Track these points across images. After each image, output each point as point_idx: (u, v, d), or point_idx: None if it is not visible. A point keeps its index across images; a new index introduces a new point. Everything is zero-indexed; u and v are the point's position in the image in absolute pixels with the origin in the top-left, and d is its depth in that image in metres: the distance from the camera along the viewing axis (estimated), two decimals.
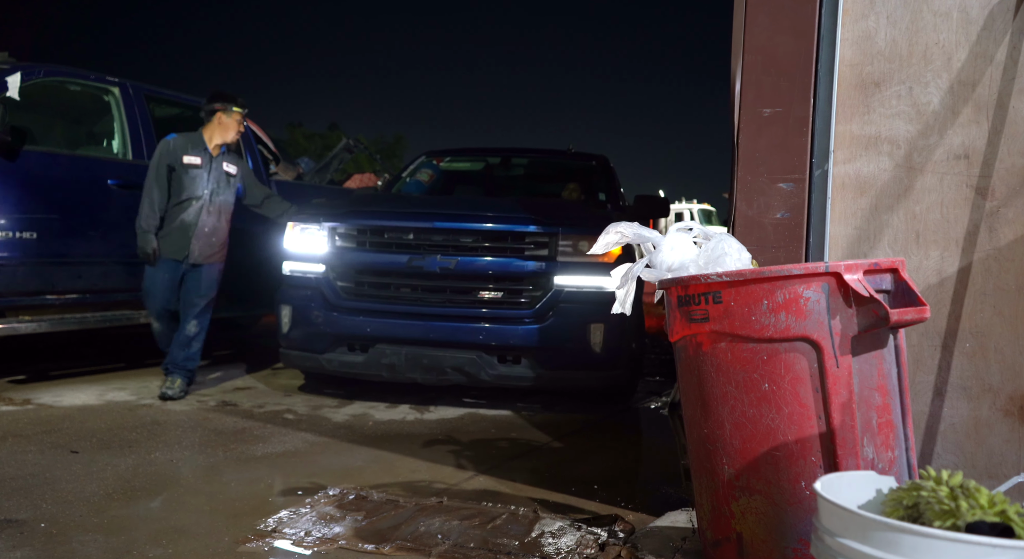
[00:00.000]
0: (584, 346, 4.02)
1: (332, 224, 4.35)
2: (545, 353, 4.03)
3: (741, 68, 2.63)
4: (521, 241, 4.14)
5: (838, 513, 1.39)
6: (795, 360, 1.83)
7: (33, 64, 4.62)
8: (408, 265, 4.15)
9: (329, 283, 4.27)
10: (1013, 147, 2.44)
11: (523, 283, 4.10)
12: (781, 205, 2.55)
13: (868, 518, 1.34)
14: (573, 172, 6.09)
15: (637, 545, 2.24)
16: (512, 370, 4.08)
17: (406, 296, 4.20)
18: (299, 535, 2.28)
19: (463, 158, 6.31)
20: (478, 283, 4.13)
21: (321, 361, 4.29)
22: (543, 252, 4.11)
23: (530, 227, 4.13)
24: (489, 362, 4.06)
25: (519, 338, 4.03)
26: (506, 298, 4.11)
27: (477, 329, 4.05)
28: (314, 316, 4.25)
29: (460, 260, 4.11)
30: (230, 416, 3.82)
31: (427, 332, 4.08)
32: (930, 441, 2.53)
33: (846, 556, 1.36)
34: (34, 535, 2.26)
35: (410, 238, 4.21)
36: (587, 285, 4.06)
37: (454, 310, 4.12)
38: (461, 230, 4.20)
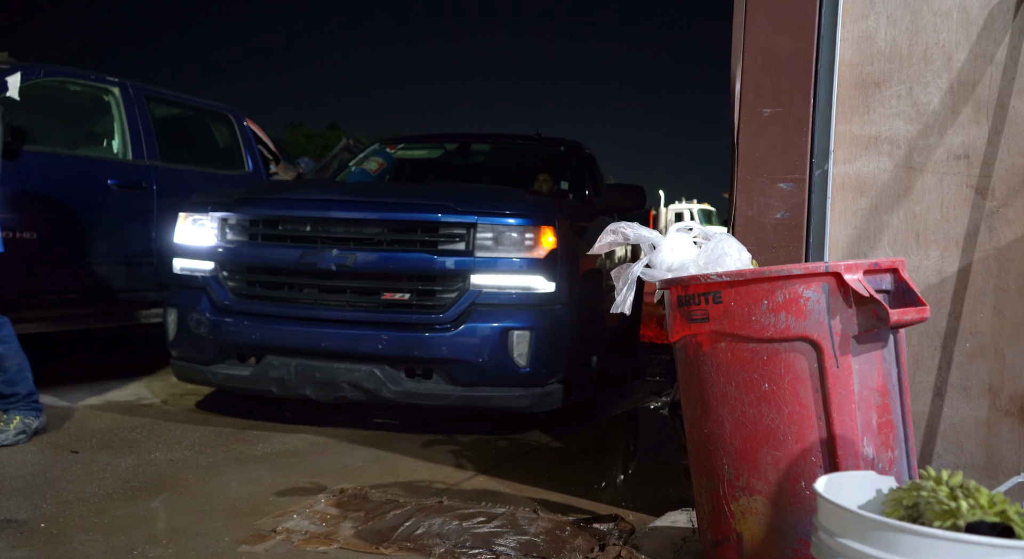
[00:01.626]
0: (504, 358, 3.41)
1: (222, 214, 3.75)
2: (458, 366, 3.43)
3: (741, 68, 2.63)
4: (433, 232, 3.52)
5: (838, 513, 1.39)
6: (795, 360, 1.83)
7: (33, 64, 4.62)
8: (300, 262, 3.57)
9: (218, 283, 3.72)
10: (1013, 147, 2.44)
11: (434, 283, 3.49)
12: (781, 205, 2.55)
13: (868, 518, 1.35)
14: (541, 159, 5.46)
15: (637, 545, 2.24)
16: (420, 386, 3.48)
17: (299, 298, 3.64)
18: (299, 535, 2.28)
19: (419, 145, 5.67)
20: (381, 283, 3.53)
21: (207, 374, 3.74)
22: (458, 246, 3.49)
23: (441, 216, 3.49)
24: (393, 377, 3.47)
25: (428, 348, 3.43)
26: (414, 300, 3.50)
27: (377, 337, 3.45)
28: (199, 321, 3.70)
29: (359, 255, 3.50)
30: (230, 416, 3.82)
31: (319, 341, 3.50)
32: (930, 441, 2.53)
33: (846, 556, 1.36)
34: (34, 535, 2.26)
35: (307, 230, 3.64)
36: (511, 285, 3.45)
37: (352, 314, 3.53)
38: (361, 220, 3.58)
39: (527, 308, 3.47)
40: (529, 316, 3.46)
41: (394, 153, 5.45)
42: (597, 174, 5.53)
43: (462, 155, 5.62)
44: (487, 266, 3.46)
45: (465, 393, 3.46)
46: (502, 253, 3.47)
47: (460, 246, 3.49)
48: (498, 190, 4.35)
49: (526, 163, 5.57)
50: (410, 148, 5.58)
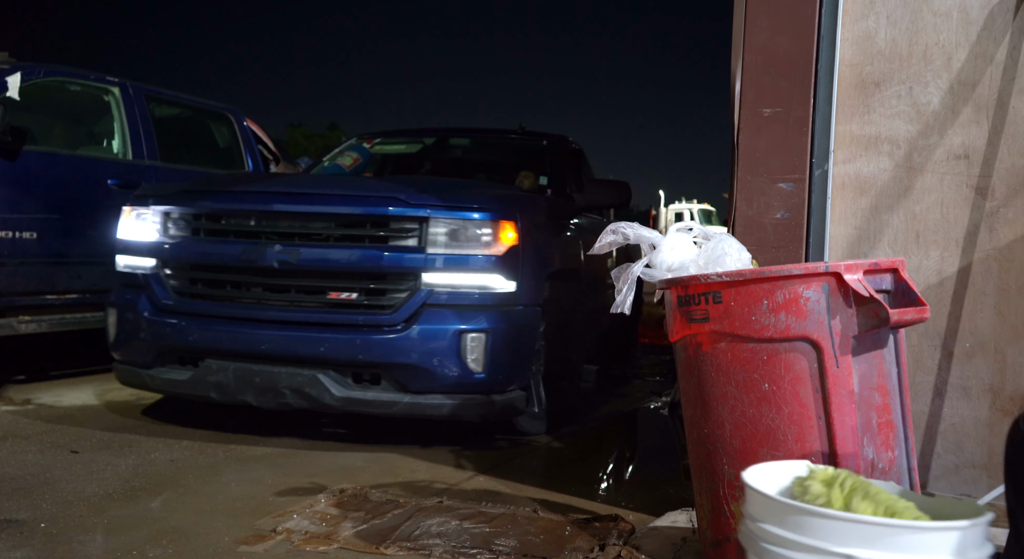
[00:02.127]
0: (456, 363, 3.17)
1: (164, 208, 3.53)
2: (407, 372, 3.18)
3: (741, 68, 2.63)
4: (382, 227, 3.28)
5: (757, 498, 1.50)
6: (795, 360, 1.83)
7: (33, 64, 4.62)
8: (241, 258, 3.34)
9: (159, 281, 3.49)
10: (1013, 147, 2.44)
11: (383, 281, 3.26)
12: (781, 205, 2.55)
13: (781, 501, 1.44)
14: (524, 154, 5.18)
15: (637, 545, 2.24)
16: (366, 393, 3.23)
17: (241, 297, 3.41)
18: (299, 535, 2.28)
19: (398, 140, 5.40)
20: (326, 281, 3.30)
21: (145, 378, 3.53)
22: (410, 242, 3.24)
23: (391, 209, 3.26)
24: (338, 382, 3.22)
25: (374, 351, 3.18)
26: (362, 300, 3.27)
27: (320, 339, 3.21)
28: (138, 322, 3.49)
29: (303, 252, 3.26)
30: (230, 416, 3.82)
31: (258, 343, 3.26)
32: (930, 441, 2.53)
33: (762, 538, 1.46)
34: (34, 535, 2.26)
35: (251, 225, 3.42)
36: (466, 284, 3.22)
37: (295, 315, 3.29)
38: (307, 214, 3.35)
39: (484, 309, 3.24)
40: (486, 318, 3.23)
41: (371, 148, 5.22)
42: (584, 170, 5.29)
43: (442, 150, 5.38)
44: (440, 264, 3.22)
45: (414, 401, 3.20)
46: (457, 250, 3.22)
47: (411, 242, 3.24)
48: (456, 183, 4.14)
49: (508, 158, 5.34)
50: (388, 143, 5.34)
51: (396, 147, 5.39)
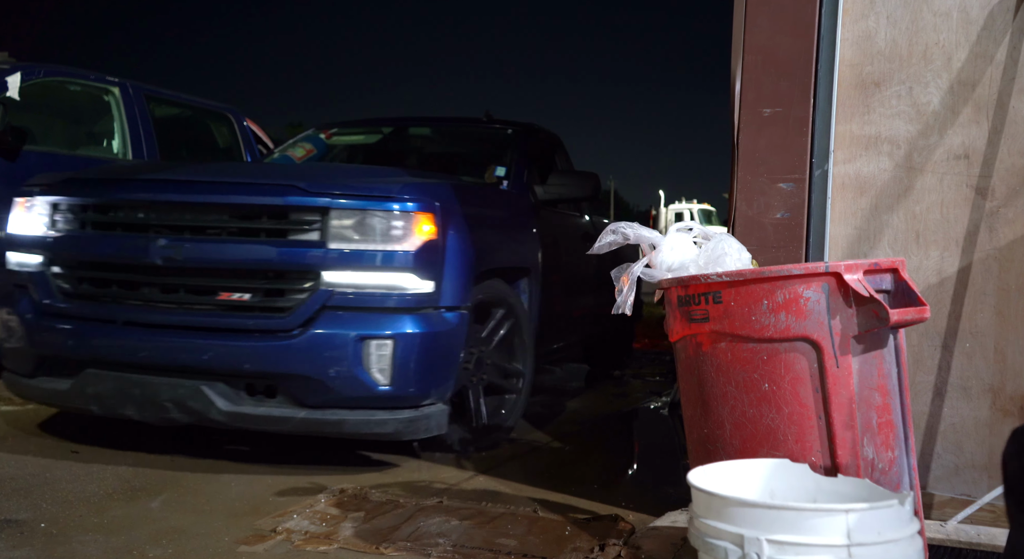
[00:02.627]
0: (358, 373, 2.80)
1: (52, 198, 3.18)
2: (301, 383, 2.82)
3: (741, 68, 2.63)
4: (281, 219, 2.91)
5: (700, 496, 1.57)
6: (795, 360, 1.83)
7: (33, 64, 4.62)
8: (125, 255, 3.00)
9: (43, 280, 3.12)
10: (1013, 147, 2.44)
11: (280, 280, 2.89)
12: (781, 205, 2.55)
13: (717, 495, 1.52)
14: (487, 144, 4.80)
15: (637, 545, 2.24)
16: (259, 407, 2.86)
17: (127, 298, 3.03)
18: (299, 535, 2.28)
19: (356, 130, 5.05)
20: (216, 280, 2.93)
21: (26, 388, 3.20)
22: (310, 236, 2.87)
23: (288, 199, 2.89)
24: (225, 395, 2.85)
25: (264, 360, 2.82)
26: (256, 302, 2.89)
27: (204, 346, 2.85)
28: (19, 326, 3.13)
29: (189, 247, 2.90)
30: None
31: (136, 350, 2.91)
32: (930, 441, 2.53)
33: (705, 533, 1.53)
34: (34, 535, 2.26)
35: (139, 217, 3.05)
36: (373, 284, 2.84)
37: (181, 318, 2.93)
38: (197, 205, 2.99)
39: (394, 312, 2.85)
40: (395, 322, 2.84)
41: (328, 140, 4.85)
42: (558, 161, 4.93)
43: (402, 140, 5.04)
44: (343, 260, 2.83)
45: (310, 416, 2.83)
46: (362, 245, 2.84)
47: (312, 236, 2.87)
48: (370, 170, 3.79)
49: (472, 148, 5.00)
50: (346, 133, 4.97)
51: (354, 138, 5.01)
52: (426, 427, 2.97)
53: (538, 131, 4.76)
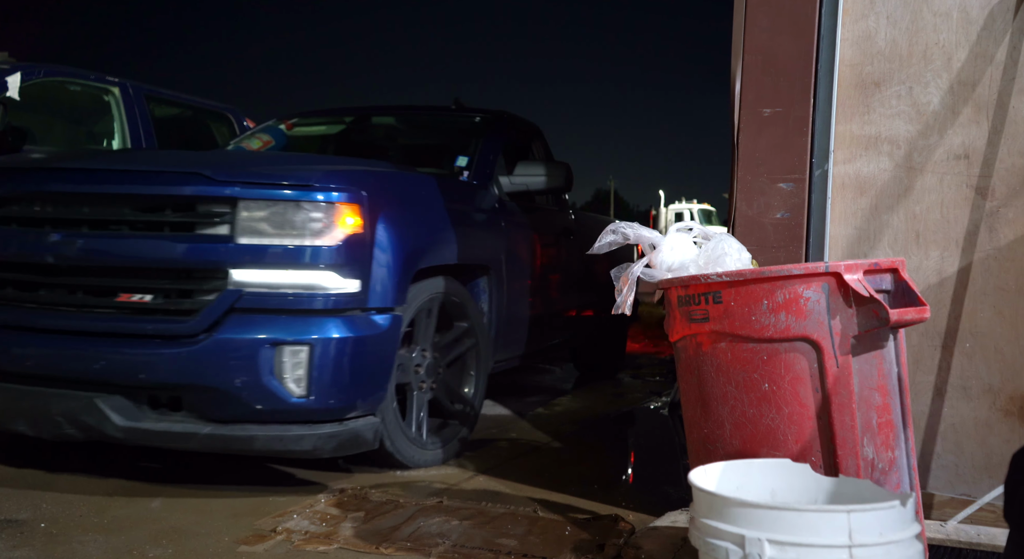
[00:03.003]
0: (268, 383, 2.51)
1: None
2: (205, 395, 2.53)
3: (741, 68, 2.63)
4: (187, 211, 2.62)
5: (701, 496, 1.56)
6: (795, 360, 1.83)
7: (33, 64, 4.62)
8: (17, 252, 2.72)
9: None
10: (1013, 147, 2.44)
11: (185, 280, 2.59)
12: (781, 205, 2.55)
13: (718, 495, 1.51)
14: (454, 133, 4.48)
15: (637, 545, 2.24)
16: (159, 423, 2.56)
17: (23, 301, 2.73)
18: (299, 535, 2.28)
19: (318, 120, 4.70)
20: (116, 280, 2.63)
21: None
22: (218, 229, 2.58)
23: (192, 188, 2.60)
24: (122, 409, 2.54)
25: (162, 370, 2.53)
26: (158, 304, 2.59)
27: (97, 354, 2.56)
28: None
29: (82, 243, 2.62)
30: None
31: (23, 359, 2.64)
32: (930, 441, 2.53)
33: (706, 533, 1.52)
34: (34, 535, 2.26)
35: (34, 210, 2.76)
36: (288, 283, 2.56)
37: (77, 323, 2.63)
38: (96, 196, 2.69)
39: (312, 315, 2.57)
40: (313, 326, 2.55)
41: (290, 131, 4.52)
42: (535, 153, 4.65)
43: (365, 130, 4.73)
44: (254, 257, 2.55)
45: (216, 432, 2.53)
46: (276, 240, 2.56)
47: (221, 230, 2.58)
48: (290, 156, 3.50)
49: (440, 137, 4.68)
50: (308, 124, 4.63)
51: (316, 128, 4.67)
52: (352, 443, 2.68)
53: (510, 119, 4.44)
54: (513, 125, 4.44)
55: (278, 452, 2.63)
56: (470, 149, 3.96)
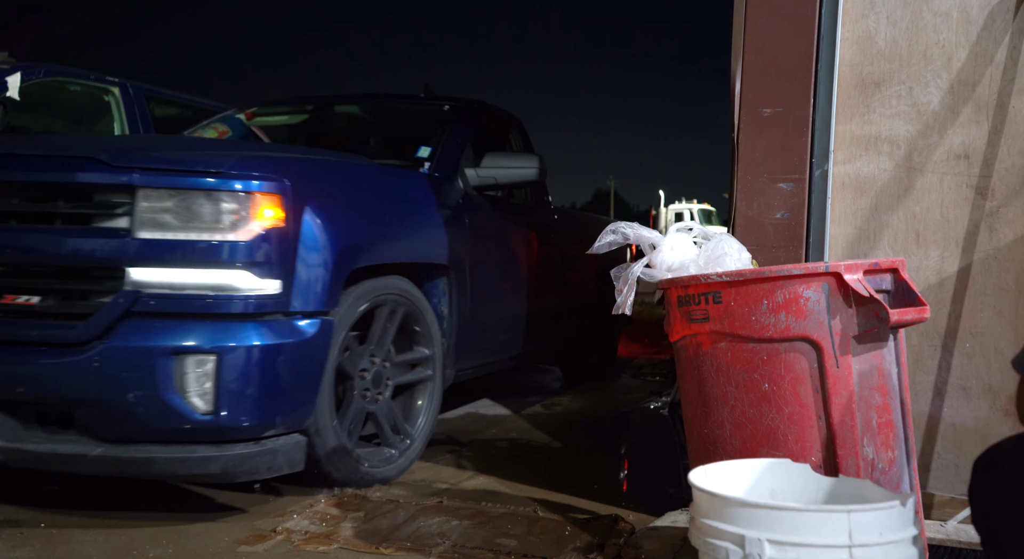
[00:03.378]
0: (168, 398, 2.21)
1: None
2: (96, 411, 2.23)
3: (741, 68, 2.63)
4: (81, 201, 2.34)
5: (701, 497, 1.56)
6: (795, 360, 1.83)
7: (33, 64, 4.62)
8: None
9: None
10: (1013, 147, 2.44)
11: (76, 279, 2.31)
12: (781, 205, 2.55)
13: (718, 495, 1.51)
14: (423, 122, 4.11)
15: (637, 545, 2.24)
16: (44, 443, 2.26)
17: None
18: (299, 535, 2.28)
19: (280, 109, 4.40)
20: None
21: None
22: (116, 222, 2.29)
23: (85, 175, 2.31)
24: (4, 427, 2.28)
25: (45, 383, 2.24)
26: (46, 307, 2.31)
27: None
28: None
29: None
30: None
31: None
32: (930, 441, 2.53)
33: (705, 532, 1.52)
34: (34, 535, 2.26)
35: None
36: (194, 283, 2.26)
37: None
38: None
39: (222, 320, 2.27)
40: (222, 332, 2.25)
41: (249, 120, 4.21)
42: (513, 145, 4.35)
43: (329, 120, 4.41)
44: (155, 254, 2.25)
45: (108, 454, 2.23)
46: (182, 234, 2.26)
47: (119, 223, 2.28)
48: (199, 141, 3.16)
49: (408, 127, 4.30)
50: (268, 114, 4.33)
51: (277, 118, 4.36)
52: (270, 465, 2.37)
53: (483, 108, 4.12)
54: (486, 114, 4.14)
55: (182, 477, 2.35)
56: (435, 139, 3.65)
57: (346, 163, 2.98)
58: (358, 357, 2.74)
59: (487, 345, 3.63)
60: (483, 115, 4.10)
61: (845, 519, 1.39)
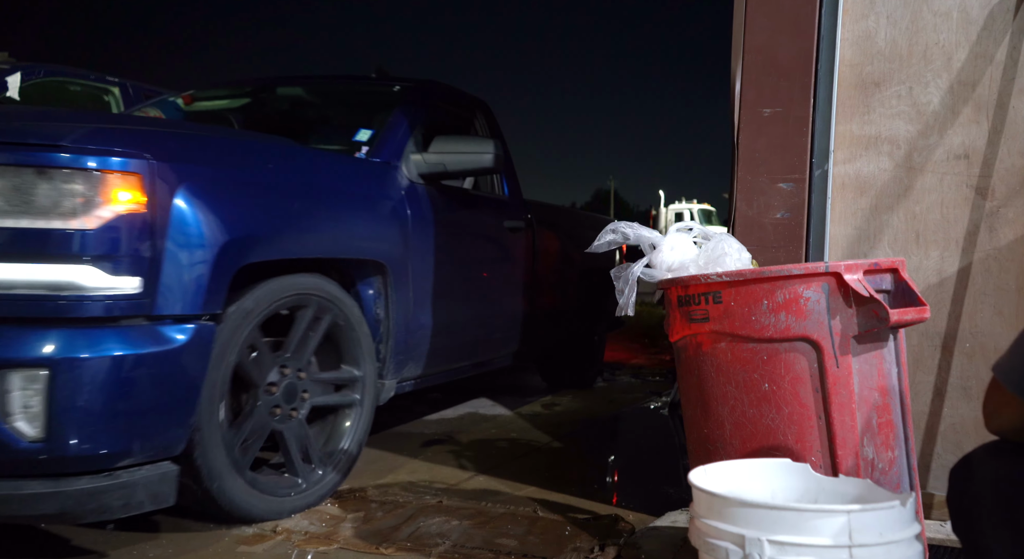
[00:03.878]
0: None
1: None
2: None
3: (741, 68, 2.63)
4: None
5: (701, 497, 1.56)
6: (795, 360, 1.83)
7: (33, 64, 4.62)
8: None
9: None
10: (1013, 147, 2.44)
11: None
12: (781, 205, 2.55)
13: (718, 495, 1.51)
14: (376, 105, 3.64)
15: (637, 545, 2.24)
16: None
17: None
18: (299, 535, 2.28)
19: (220, 92, 4.03)
20: None
21: None
22: None
23: None
24: None
25: None
26: None
27: None
28: None
29: None
30: None
31: None
32: (930, 441, 2.53)
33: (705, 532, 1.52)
34: (34, 534, 2.26)
35: None
36: (25, 282, 1.85)
37: None
38: None
39: (62, 326, 1.87)
40: (58, 341, 1.84)
41: (188, 105, 3.88)
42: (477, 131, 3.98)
43: (271, 103, 4.00)
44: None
45: None
46: (10, 220, 1.85)
47: None
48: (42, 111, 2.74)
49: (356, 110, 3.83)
50: (207, 97, 3.97)
51: (217, 102, 3.96)
52: (127, 502, 1.96)
53: (438, 89, 3.74)
54: (444, 97, 3.75)
55: (9, 518, 1.89)
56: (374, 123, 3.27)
57: (239, 141, 2.52)
58: (265, 366, 2.36)
59: (438, 352, 3.20)
60: (439, 97, 3.70)
61: (845, 519, 1.39)
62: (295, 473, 2.48)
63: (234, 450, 2.26)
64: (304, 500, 2.48)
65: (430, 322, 3.10)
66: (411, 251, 2.95)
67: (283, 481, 2.46)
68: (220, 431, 2.19)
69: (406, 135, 3.21)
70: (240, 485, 2.26)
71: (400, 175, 3.04)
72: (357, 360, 2.68)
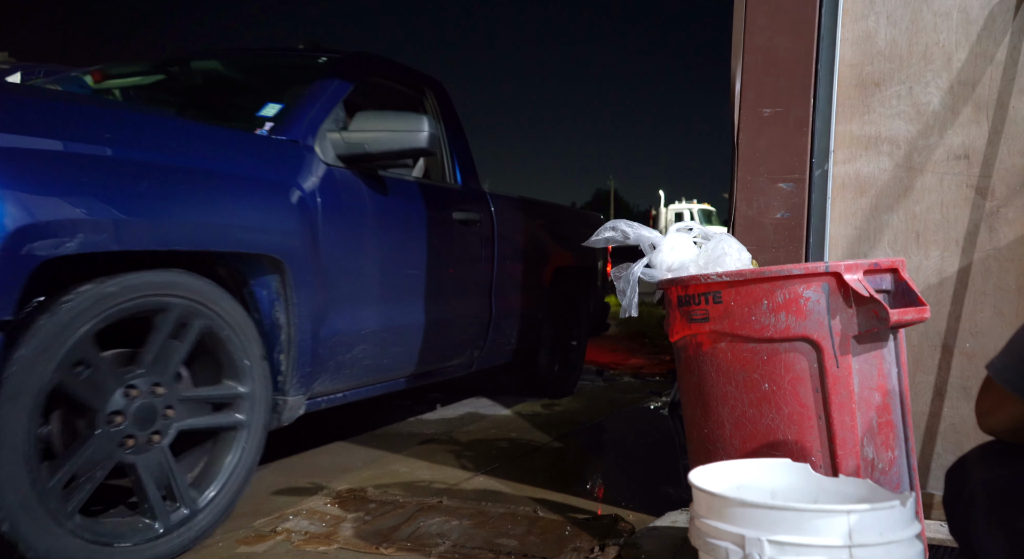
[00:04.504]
0: None
1: None
2: None
3: (741, 68, 2.63)
4: None
5: (701, 497, 1.56)
6: (795, 360, 1.83)
7: (33, 64, 4.63)
8: None
9: None
10: (1013, 147, 2.44)
11: None
12: (781, 205, 2.55)
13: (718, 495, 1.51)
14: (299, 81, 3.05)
15: (637, 545, 2.24)
16: None
17: None
18: (299, 535, 2.28)
19: (132, 68, 3.62)
20: None
21: None
22: None
23: None
24: None
25: None
26: None
27: None
28: None
29: None
30: None
31: None
32: (930, 441, 2.53)
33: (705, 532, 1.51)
34: None
35: None
36: None
37: None
38: None
39: None
40: None
41: (98, 82, 3.47)
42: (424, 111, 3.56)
43: (185, 78, 3.59)
44: None
45: None
46: None
47: None
48: None
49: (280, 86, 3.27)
50: (119, 74, 3.56)
51: (129, 79, 3.55)
52: None
53: (373, 62, 3.29)
54: (382, 71, 3.31)
55: None
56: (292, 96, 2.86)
57: (65, 105, 1.98)
58: (104, 386, 1.90)
59: (361, 362, 2.78)
60: (376, 72, 3.25)
61: (845, 519, 1.39)
62: (152, 515, 2.00)
63: (48, 493, 1.77)
64: (160, 549, 1.99)
65: (350, 328, 2.67)
66: (322, 246, 2.50)
67: (129, 526, 1.97)
68: (26, 473, 1.70)
69: (323, 111, 2.76)
70: (54, 535, 1.75)
71: (310, 156, 2.58)
72: (240, 374, 2.22)
